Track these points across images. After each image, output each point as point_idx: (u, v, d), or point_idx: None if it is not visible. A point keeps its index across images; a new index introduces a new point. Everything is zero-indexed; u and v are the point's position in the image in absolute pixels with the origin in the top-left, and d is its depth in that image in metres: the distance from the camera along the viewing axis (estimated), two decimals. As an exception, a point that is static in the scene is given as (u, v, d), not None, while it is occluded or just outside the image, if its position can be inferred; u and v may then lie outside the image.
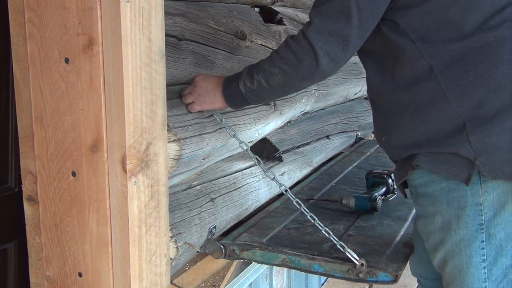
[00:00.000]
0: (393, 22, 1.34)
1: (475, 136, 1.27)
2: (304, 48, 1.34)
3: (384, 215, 2.02)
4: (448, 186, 1.35)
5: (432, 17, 1.31)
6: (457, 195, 1.34)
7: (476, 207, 1.32)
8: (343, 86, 2.90)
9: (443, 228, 1.38)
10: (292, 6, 2.52)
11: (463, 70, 1.28)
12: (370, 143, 3.30)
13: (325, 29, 1.31)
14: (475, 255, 1.34)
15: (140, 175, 1.24)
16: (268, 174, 1.67)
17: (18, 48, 1.31)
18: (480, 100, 1.27)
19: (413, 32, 1.32)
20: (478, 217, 1.32)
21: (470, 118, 1.28)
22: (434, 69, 1.30)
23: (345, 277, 1.58)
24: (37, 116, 1.29)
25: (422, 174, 1.39)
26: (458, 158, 1.30)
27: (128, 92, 1.18)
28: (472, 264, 1.35)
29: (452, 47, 1.29)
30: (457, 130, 1.29)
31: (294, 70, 1.38)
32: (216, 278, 1.99)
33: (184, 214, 1.62)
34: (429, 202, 1.41)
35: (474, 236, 1.33)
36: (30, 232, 1.41)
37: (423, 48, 1.31)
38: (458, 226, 1.35)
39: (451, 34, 1.29)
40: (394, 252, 1.69)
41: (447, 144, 1.31)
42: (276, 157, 2.32)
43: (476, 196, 1.32)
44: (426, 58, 1.31)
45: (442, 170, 1.33)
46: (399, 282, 1.55)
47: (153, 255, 1.32)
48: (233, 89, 1.49)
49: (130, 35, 1.16)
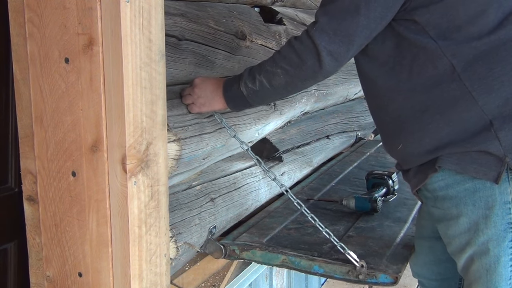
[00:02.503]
0: (410, 21, 1.32)
1: (504, 133, 1.26)
2: (308, 47, 1.33)
3: (384, 216, 2.02)
4: (473, 187, 1.32)
5: (452, 13, 1.28)
6: (484, 194, 1.31)
7: (504, 206, 1.30)
8: (343, 86, 2.90)
9: (469, 230, 1.35)
10: (292, 6, 2.52)
11: (488, 68, 1.27)
12: (370, 143, 3.30)
13: (331, 29, 1.30)
14: (503, 254, 1.32)
15: (140, 175, 1.24)
16: (269, 174, 1.67)
17: (18, 48, 1.31)
18: (507, 97, 1.27)
19: (433, 29, 1.30)
20: (507, 216, 1.30)
21: (497, 116, 1.27)
22: (457, 69, 1.28)
23: (345, 279, 1.58)
24: (37, 116, 1.29)
25: (444, 177, 1.36)
26: (486, 156, 1.28)
27: (128, 92, 1.18)
28: (500, 264, 1.32)
29: (475, 45, 1.27)
30: (484, 128, 1.28)
31: (297, 70, 1.36)
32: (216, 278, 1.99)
33: (184, 214, 1.62)
34: (452, 205, 1.37)
35: (503, 235, 1.31)
36: (30, 232, 1.41)
37: (445, 46, 1.29)
38: (486, 226, 1.32)
39: (473, 31, 1.28)
40: (394, 253, 1.69)
41: (474, 142, 1.29)
42: (276, 157, 2.32)
43: (505, 194, 1.29)
44: (448, 57, 1.29)
45: (469, 170, 1.30)
46: (399, 282, 1.55)
47: (153, 255, 1.32)
48: (234, 90, 1.47)
49: (130, 35, 1.16)
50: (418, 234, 1.72)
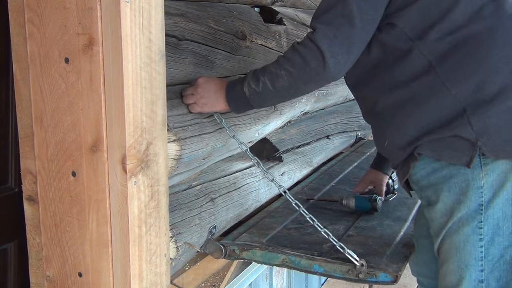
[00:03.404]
0: (389, 25, 1.38)
1: (476, 118, 1.31)
2: (312, 50, 1.35)
3: (384, 216, 2.02)
4: (449, 173, 1.37)
5: (426, 12, 1.35)
6: (458, 180, 1.36)
7: (477, 190, 1.34)
8: (343, 86, 2.88)
9: (445, 215, 1.40)
10: (292, 6, 2.52)
11: (459, 59, 1.33)
12: (370, 143, 3.30)
13: (331, 33, 1.34)
14: (472, 233, 1.36)
15: (140, 175, 1.24)
16: (267, 175, 1.67)
17: (18, 48, 1.31)
18: (478, 84, 1.32)
19: (411, 30, 1.36)
20: (479, 199, 1.35)
21: (470, 103, 1.32)
22: (433, 63, 1.35)
23: (345, 278, 1.58)
24: (37, 116, 1.29)
25: (424, 166, 1.41)
26: (459, 140, 1.33)
27: (128, 92, 1.18)
28: (469, 242, 1.37)
29: (448, 40, 1.34)
30: (458, 114, 1.33)
31: (300, 72, 1.39)
32: (216, 278, 1.99)
33: (184, 214, 1.62)
34: (432, 192, 1.43)
35: (473, 216, 1.36)
36: (30, 232, 1.41)
37: (421, 45, 1.35)
38: (459, 209, 1.37)
39: (444, 27, 1.34)
40: (394, 252, 1.69)
41: (449, 128, 1.34)
42: (276, 157, 2.32)
43: (477, 179, 1.34)
44: (425, 55, 1.35)
45: (444, 155, 1.36)
46: (399, 282, 1.55)
47: (153, 255, 1.32)
48: (237, 91, 1.49)
49: (130, 35, 1.16)
50: (417, 232, 1.73)
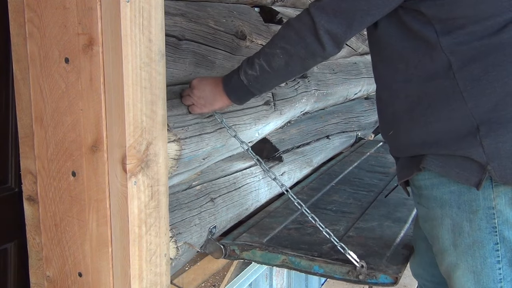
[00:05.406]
0: (417, 12, 1.30)
1: (489, 141, 1.24)
2: (306, 24, 1.30)
3: (384, 217, 2.02)
4: (458, 190, 1.32)
5: (461, 11, 1.26)
6: (468, 198, 1.31)
7: (488, 211, 1.30)
8: (343, 86, 2.90)
9: (453, 231, 1.35)
10: (292, 6, 2.52)
11: (483, 71, 1.25)
12: (370, 143, 3.30)
13: (330, 8, 1.28)
14: (489, 256, 1.31)
15: (140, 175, 1.24)
16: (269, 174, 1.66)
17: (18, 48, 1.31)
18: (497, 103, 1.24)
19: (439, 23, 1.27)
20: (491, 220, 1.30)
21: (484, 121, 1.25)
22: (453, 66, 1.27)
23: (345, 279, 1.58)
24: (37, 116, 1.29)
25: (430, 176, 1.36)
26: (469, 162, 1.27)
27: (128, 92, 1.18)
28: (487, 265, 1.32)
29: (475, 45, 1.25)
30: (470, 132, 1.26)
31: (296, 48, 1.34)
32: (216, 278, 1.99)
33: (184, 214, 1.62)
34: (436, 205, 1.37)
35: (488, 238, 1.31)
36: (30, 232, 1.41)
37: (445, 42, 1.27)
38: (471, 228, 1.32)
39: (476, 30, 1.25)
40: (394, 253, 1.69)
41: (460, 146, 1.28)
42: (276, 157, 2.32)
43: (488, 200, 1.29)
44: (446, 53, 1.27)
45: (452, 174, 1.30)
46: (399, 282, 1.55)
47: (153, 255, 1.32)
48: (234, 82, 1.44)
49: (130, 35, 1.16)
50: (416, 234, 1.71)
